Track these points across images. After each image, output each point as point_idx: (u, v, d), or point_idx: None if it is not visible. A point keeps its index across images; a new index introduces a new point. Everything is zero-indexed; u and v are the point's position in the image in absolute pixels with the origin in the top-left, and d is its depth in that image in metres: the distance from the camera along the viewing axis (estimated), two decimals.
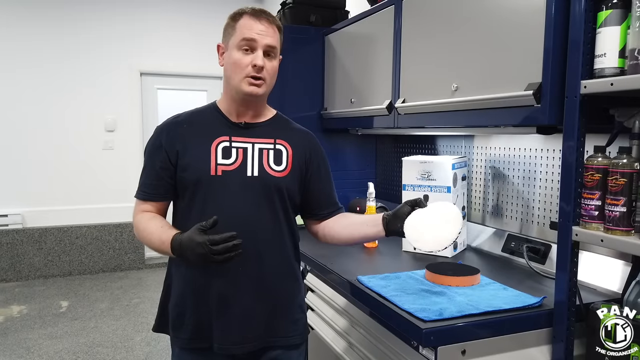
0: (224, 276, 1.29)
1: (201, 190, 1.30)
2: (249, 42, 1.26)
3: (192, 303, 1.32)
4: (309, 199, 1.42)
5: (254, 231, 1.30)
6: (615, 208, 1.08)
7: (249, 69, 1.26)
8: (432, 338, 1.14)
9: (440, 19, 1.70)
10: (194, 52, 5.13)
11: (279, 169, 1.33)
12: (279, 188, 1.32)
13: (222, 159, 1.30)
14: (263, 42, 1.27)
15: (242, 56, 1.27)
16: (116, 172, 5.01)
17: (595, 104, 1.15)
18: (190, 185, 1.30)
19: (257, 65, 1.26)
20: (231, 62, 1.28)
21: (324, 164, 1.44)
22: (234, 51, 1.28)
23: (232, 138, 1.32)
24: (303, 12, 2.63)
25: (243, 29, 1.27)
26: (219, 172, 1.29)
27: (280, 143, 1.35)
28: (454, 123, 1.70)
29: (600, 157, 1.14)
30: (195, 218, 1.27)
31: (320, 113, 2.60)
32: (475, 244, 1.97)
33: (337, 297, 1.69)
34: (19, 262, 4.70)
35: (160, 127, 1.37)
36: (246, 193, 1.30)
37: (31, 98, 4.72)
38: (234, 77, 1.28)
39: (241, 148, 1.32)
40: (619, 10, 1.07)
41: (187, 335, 1.33)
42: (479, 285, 1.44)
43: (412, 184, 1.86)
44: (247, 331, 1.30)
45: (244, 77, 1.27)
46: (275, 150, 1.34)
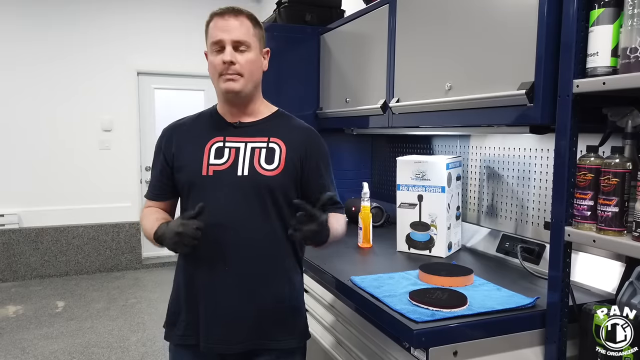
0: (212, 275, 1.30)
1: (194, 190, 1.32)
2: (217, 42, 1.28)
3: (185, 301, 1.35)
4: (306, 196, 1.38)
5: (244, 231, 1.29)
6: (608, 208, 1.08)
7: (221, 67, 1.28)
8: (423, 339, 1.13)
9: (433, 19, 1.69)
10: (191, 51, 5.10)
11: (270, 168, 1.31)
12: (270, 187, 1.30)
13: (215, 159, 1.31)
14: (229, 38, 1.28)
15: (214, 57, 1.30)
16: (113, 172, 5.01)
17: (588, 103, 1.14)
18: (185, 186, 1.34)
19: (225, 61, 1.27)
20: (209, 66, 1.33)
21: (323, 161, 1.40)
22: (210, 54, 1.32)
23: (226, 138, 1.34)
24: (298, 11, 2.62)
25: (211, 31, 1.31)
26: (210, 172, 1.30)
27: (274, 141, 1.34)
28: (447, 122, 1.69)
29: (593, 157, 1.13)
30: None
31: (315, 113, 2.59)
32: (470, 244, 1.96)
33: (330, 297, 1.68)
34: (16, 262, 4.69)
35: (164, 130, 1.44)
36: (236, 193, 1.30)
37: (28, 98, 4.70)
38: (214, 80, 1.33)
39: (234, 148, 1.32)
40: (611, 9, 1.06)
41: (180, 332, 1.35)
42: (473, 286, 1.44)
43: (406, 184, 1.86)
44: (232, 331, 1.29)
45: (219, 77, 1.30)
46: (267, 148, 1.33)
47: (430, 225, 1.82)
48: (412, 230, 1.86)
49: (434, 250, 1.83)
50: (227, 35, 1.27)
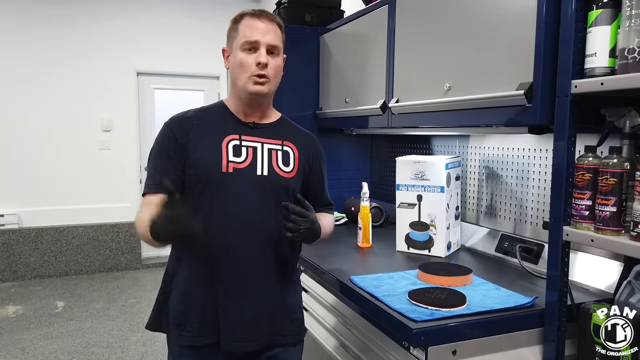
0: (231, 274, 1.30)
1: (211, 186, 1.29)
2: (251, 43, 1.28)
3: (198, 301, 1.31)
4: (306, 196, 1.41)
5: (263, 229, 1.31)
6: (606, 208, 1.08)
7: (253, 68, 1.28)
8: (422, 338, 1.13)
9: (433, 19, 1.70)
10: (191, 52, 5.12)
11: (287, 170, 1.36)
12: (287, 188, 1.35)
13: (233, 156, 1.31)
14: (265, 41, 1.29)
15: (246, 56, 1.29)
16: (113, 172, 5.00)
17: (586, 103, 1.15)
18: (200, 181, 1.29)
19: (261, 62, 1.28)
20: (236, 63, 1.30)
21: (323, 166, 1.49)
22: (238, 52, 1.30)
23: (242, 137, 1.34)
24: (298, 11, 2.63)
25: (245, 30, 1.29)
26: (230, 169, 1.30)
27: (288, 145, 1.39)
28: (446, 123, 1.70)
29: (591, 157, 1.14)
30: (203, 214, 1.27)
31: (315, 113, 2.59)
32: (469, 244, 1.97)
33: (330, 297, 1.69)
34: (15, 262, 4.68)
35: (169, 122, 1.35)
36: (256, 192, 1.31)
37: (27, 97, 4.70)
38: (240, 78, 1.30)
39: (251, 147, 1.33)
40: (609, 10, 1.07)
41: (193, 333, 1.31)
42: (472, 285, 1.44)
43: (405, 184, 1.86)
44: (255, 330, 1.32)
45: (249, 77, 1.29)
46: (283, 151, 1.37)
47: (429, 225, 1.83)
48: (411, 230, 1.87)
49: (433, 250, 1.83)
50: (263, 37, 1.28)
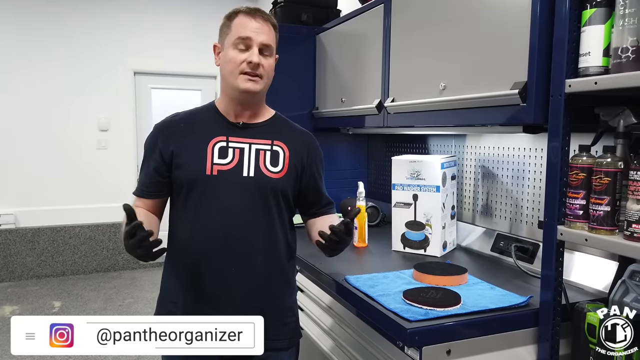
0: (215, 275, 1.29)
1: (196, 189, 1.30)
2: (244, 40, 1.27)
3: (184, 300, 1.32)
4: (301, 198, 1.43)
5: (248, 231, 1.30)
6: (600, 207, 1.08)
7: (244, 65, 1.27)
8: (416, 338, 1.13)
9: (428, 19, 1.70)
10: (188, 51, 5.11)
11: (275, 170, 1.33)
12: (275, 189, 1.33)
13: (219, 158, 1.30)
14: (258, 40, 1.28)
15: (237, 54, 1.28)
16: (110, 171, 4.99)
17: (581, 103, 1.15)
18: (185, 184, 1.31)
19: (253, 62, 1.27)
20: (227, 60, 1.29)
21: (321, 165, 1.45)
22: (229, 50, 1.29)
23: (229, 138, 1.33)
24: (294, 10, 2.62)
25: (238, 27, 1.28)
26: (215, 171, 1.29)
27: (278, 144, 1.36)
28: (442, 122, 1.70)
29: (585, 156, 1.14)
30: (189, 217, 1.29)
31: (311, 112, 2.59)
32: (464, 244, 1.97)
33: (325, 296, 1.68)
34: (12, 262, 4.67)
35: (157, 125, 1.39)
36: (241, 193, 1.30)
37: (24, 98, 4.69)
38: (230, 75, 1.29)
39: (238, 148, 1.32)
40: (603, 9, 1.07)
41: None
42: (467, 285, 1.44)
43: (401, 183, 1.86)
44: None
45: (239, 74, 1.28)
46: (272, 151, 1.35)
47: (425, 224, 1.83)
48: (407, 229, 1.87)
49: (429, 249, 1.83)
50: (256, 36, 1.28)
